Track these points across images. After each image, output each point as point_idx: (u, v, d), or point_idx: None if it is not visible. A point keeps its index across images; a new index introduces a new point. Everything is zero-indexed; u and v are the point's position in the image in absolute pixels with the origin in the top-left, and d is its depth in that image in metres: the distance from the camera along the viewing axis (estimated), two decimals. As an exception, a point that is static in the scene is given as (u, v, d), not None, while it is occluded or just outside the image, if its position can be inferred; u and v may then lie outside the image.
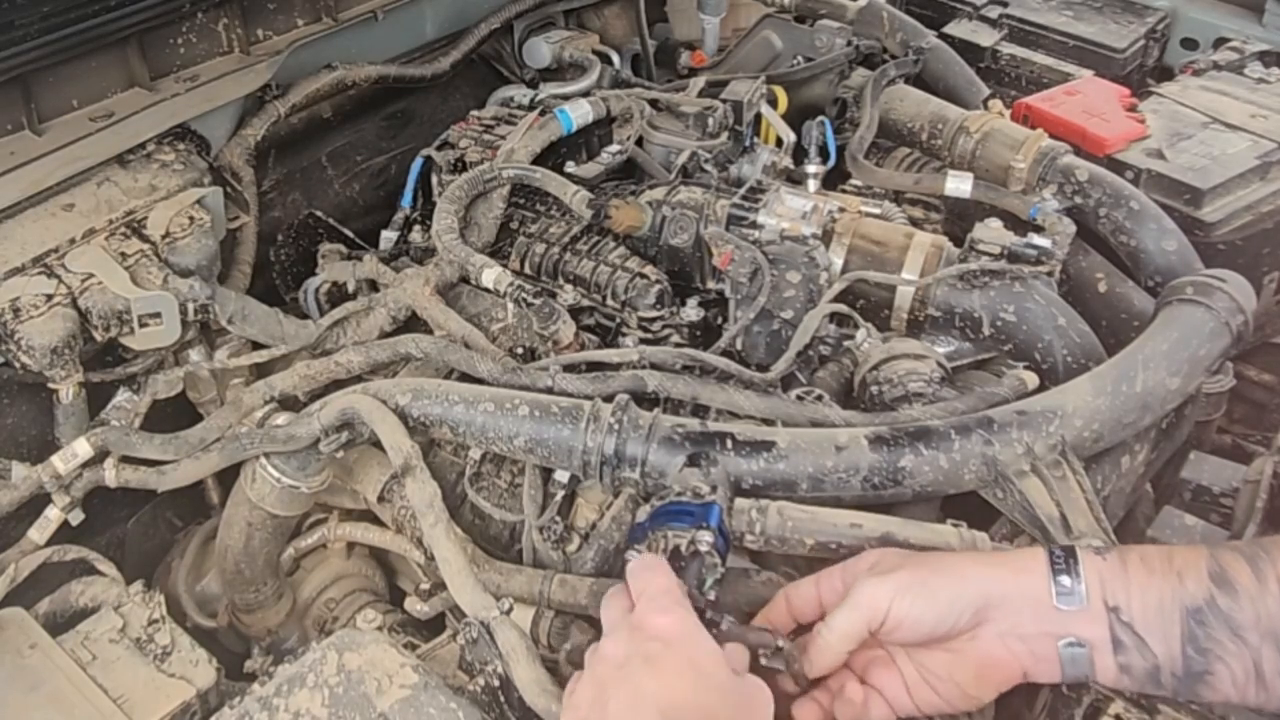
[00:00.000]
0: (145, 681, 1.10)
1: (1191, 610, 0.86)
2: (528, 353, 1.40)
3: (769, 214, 1.40)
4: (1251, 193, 1.61)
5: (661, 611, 0.88)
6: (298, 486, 1.27)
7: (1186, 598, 0.87)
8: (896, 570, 0.93)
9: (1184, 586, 0.87)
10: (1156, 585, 0.87)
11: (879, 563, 0.96)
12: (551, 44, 2.08)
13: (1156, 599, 0.87)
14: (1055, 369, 1.31)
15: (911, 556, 0.97)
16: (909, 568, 0.93)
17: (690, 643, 0.86)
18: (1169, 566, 0.88)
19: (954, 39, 2.06)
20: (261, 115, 1.67)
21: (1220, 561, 0.87)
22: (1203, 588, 0.86)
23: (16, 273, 1.29)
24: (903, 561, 0.95)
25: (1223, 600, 0.85)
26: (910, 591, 0.91)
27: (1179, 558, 0.89)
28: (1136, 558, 0.89)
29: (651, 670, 0.83)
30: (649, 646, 0.85)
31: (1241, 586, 0.85)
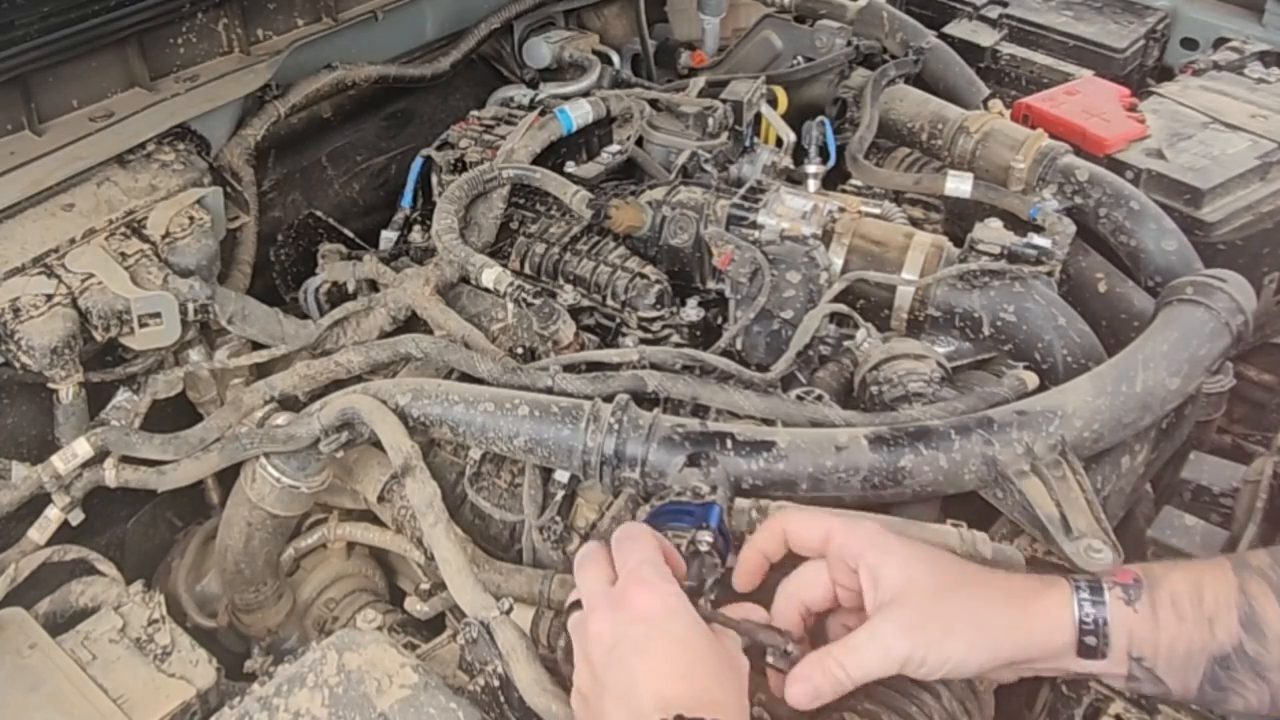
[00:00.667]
0: (145, 681, 1.10)
1: (1218, 658, 0.85)
2: (528, 353, 1.40)
3: (769, 214, 1.40)
4: (1251, 193, 1.61)
5: (645, 587, 0.88)
6: (298, 486, 1.27)
7: (1215, 646, 0.85)
8: (914, 609, 0.88)
9: (1214, 636, 0.85)
10: (1186, 635, 0.86)
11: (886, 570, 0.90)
12: (551, 44, 2.08)
13: (1185, 649, 0.86)
14: (1055, 369, 1.31)
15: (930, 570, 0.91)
16: (927, 606, 0.88)
17: (675, 620, 0.87)
18: (1200, 612, 0.85)
19: (954, 39, 2.06)
20: (261, 115, 1.67)
21: (1250, 599, 0.85)
22: (1232, 635, 0.85)
23: (16, 273, 1.29)
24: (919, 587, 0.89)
25: (1251, 646, 0.84)
26: (929, 644, 0.87)
27: (1209, 597, 0.86)
28: (1168, 601, 0.86)
29: (640, 656, 0.84)
30: (635, 630, 0.86)
31: (1270, 629, 0.84)
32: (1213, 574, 0.88)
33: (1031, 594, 0.90)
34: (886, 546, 0.91)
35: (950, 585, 0.90)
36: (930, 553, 0.93)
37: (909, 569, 0.90)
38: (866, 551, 0.91)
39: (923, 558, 0.92)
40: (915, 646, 0.87)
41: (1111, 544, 1.04)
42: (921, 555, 0.92)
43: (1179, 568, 0.89)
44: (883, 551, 0.91)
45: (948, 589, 0.89)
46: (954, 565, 0.94)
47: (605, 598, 0.90)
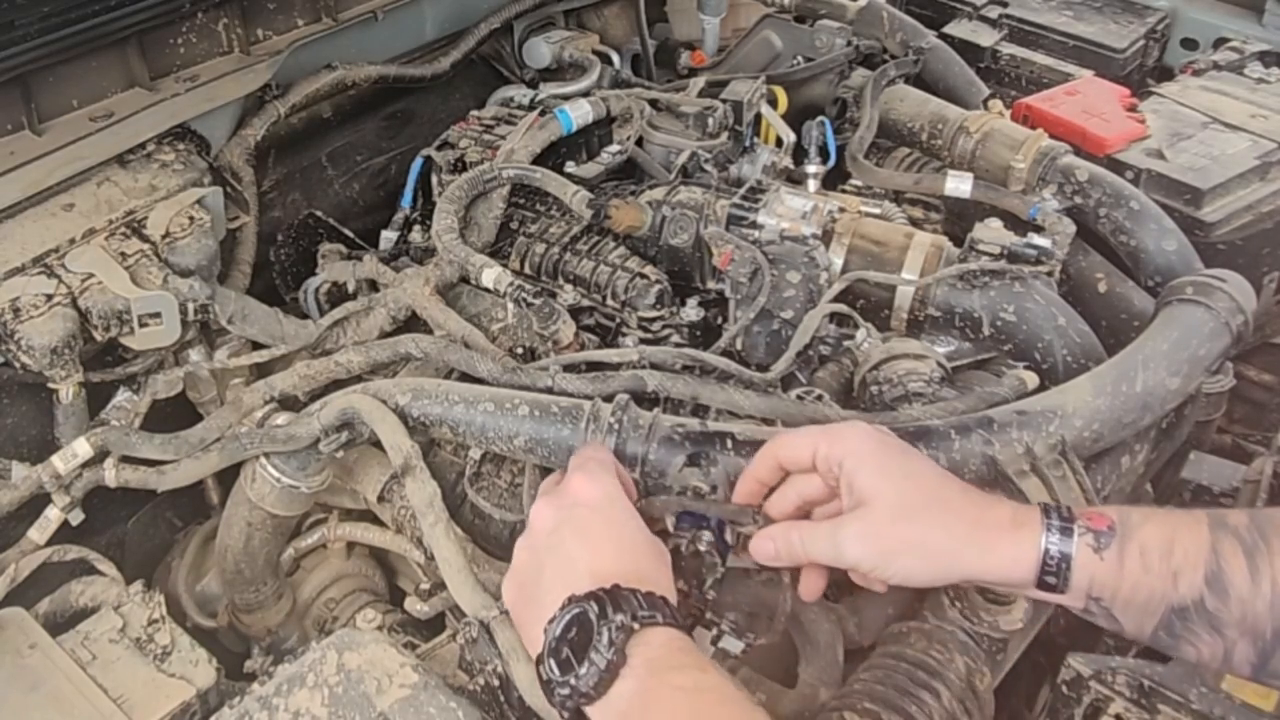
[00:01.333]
0: (145, 681, 1.10)
1: (1176, 608, 0.86)
2: (528, 353, 1.40)
3: (769, 214, 1.40)
4: (1251, 193, 1.61)
5: (586, 477, 0.97)
6: (298, 486, 1.27)
7: (1175, 598, 0.86)
8: (873, 523, 0.92)
9: (1176, 588, 0.86)
10: (1148, 584, 0.87)
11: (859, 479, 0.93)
12: (551, 44, 2.08)
13: (1145, 596, 0.87)
14: (1055, 369, 1.31)
15: (899, 486, 0.93)
16: (886, 524, 0.91)
17: (612, 506, 0.95)
18: (1167, 565, 0.86)
19: (954, 39, 2.06)
20: (261, 115, 1.67)
21: (1220, 557, 0.86)
22: (1195, 589, 0.85)
23: (16, 273, 1.29)
24: (884, 501, 0.92)
25: (1211, 602, 0.85)
26: (879, 556, 0.91)
27: (1179, 552, 0.86)
28: (1136, 552, 0.87)
29: (579, 537, 0.92)
30: (575, 513, 0.94)
31: (1234, 589, 0.85)
32: (1188, 528, 0.88)
33: (999, 528, 0.90)
34: (862, 455, 0.94)
35: (916, 505, 0.92)
36: (906, 465, 0.95)
37: (879, 481, 0.92)
38: (845, 459, 0.94)
39: (896, 470, 0.93)
40: (865, 557, 0.92)
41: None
42: (895, 467, 0.94)
43: (1155, 518, 0.89)
44: (858, 460, 0.94)
45: (913, 509, 0.92)
46: (927, 482, 0.94)
47: (552, 492, 0.99)
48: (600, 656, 0.81)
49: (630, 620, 0.83)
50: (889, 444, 0.96)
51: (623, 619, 0.83)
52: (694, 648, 0.85)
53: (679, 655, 0.83)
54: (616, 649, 0.82)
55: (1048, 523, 0.89)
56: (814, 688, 1.07)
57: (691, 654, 0.84)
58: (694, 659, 0.84)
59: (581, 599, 0.85)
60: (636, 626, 0.83)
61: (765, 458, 1.01)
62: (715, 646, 0.99)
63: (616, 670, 0.82)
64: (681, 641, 0.85)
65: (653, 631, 0.84)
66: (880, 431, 0.98)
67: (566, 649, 0.83)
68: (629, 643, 0.82)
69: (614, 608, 0.83)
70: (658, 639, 0.84)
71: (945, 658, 1.03)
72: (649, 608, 0.85)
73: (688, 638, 0.86)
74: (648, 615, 0.84)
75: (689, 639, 0.86)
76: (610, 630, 0.82)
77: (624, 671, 0.82)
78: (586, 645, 0.82)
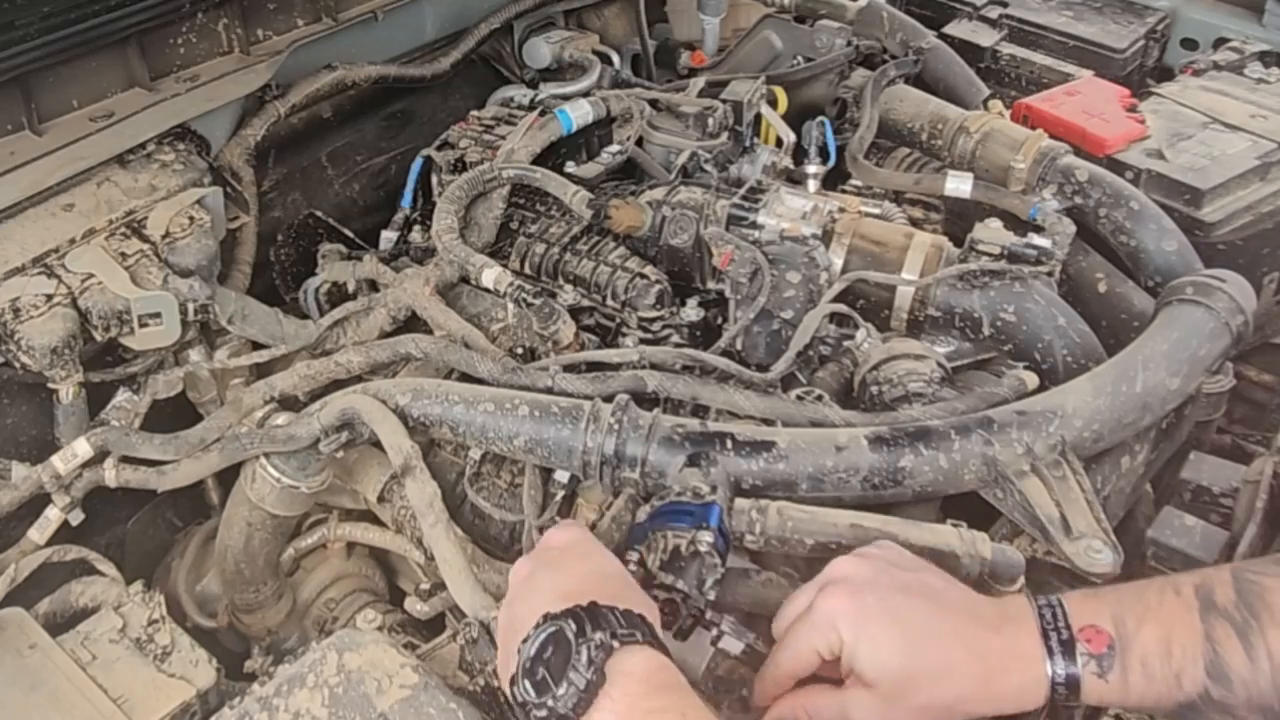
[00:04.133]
0: (145, 681, 1.09)
1: (1185, 705, 0.87)
2: (528, 353, 1.40)
3: (769, 214, 1.40)
4: (1251, 193, 1.61)
5: (559, 529, 1.00)
6: (298, 487, 1.27)
7: (1181, 696, 0.87)
8: (883, 700, 0.89)
9: (1181, 688, 0.87)
10: (1154, 691, 0.87)
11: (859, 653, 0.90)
12: (551, 44, 2.08)
13: (1153, 701, 0.88)
14: (1055, 369, 1.31)
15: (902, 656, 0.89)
16: (896, 698, 0.88)
17: (586, 546, 0.97)
18: (1168, 669, 0.87)
19: (954, 39, 2.05)
20: (261, 115, 1.67)
21: (1215, 645, 0.87)
22: (1198, 684, 0.86)
23: (16, 273, 1.29)
24: (890, 677, 0.89)
25: (1216, 691, 0.86)
26: (890, 703, 0.89)
27: (1177, 653, 0.87)
28: (1138, 665, 0.88)
29: (551, 573, 0.92)
30: (548, 555, 0.96)
31: (1235, 673, 0.86)
32: (1181, 622, 0.89)
33: (1002, 671, 0.89)
34: (852, 634, 0.90)
35: (917, 677, 0.89)
36: (895, 633, 0.90)
37: (876, 662, 0.89)
38: (842, 631, 0.91)
39: (886, 645, 0.90)
40: (881, 706, 0.89)
41: (1111, 544, 1.04)
42: (885, 641, 0.90)
43: (1149, 619, 0.89)
44: (850, 641, 0.90)
45: (914, 682, 0.89)
46: (921, 643, 0.90)
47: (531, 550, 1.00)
48: (579, 676, 0.78)
49: (610, 638, 0.80)
50: (872, 612, 0.91)
51: (602, 636, 0.80)
52: (674, 677, 0.82)
53: (658, 694, 0.80)
54: (596, 668, 0.78)
55: (1049, 647, 0.89)
56: (814, 688, 1.07)
57: (671, 691, 0.81)
58: (673, 699, 0.80)
59: (558, 616, 0.82)
60: (616, 645, 0.80)
61: (777, 679, 0.95)
62: (715, 646, 0.99)
63: (596, 691, 0.78)
64: (662, 670, 0.82)
65: (632, 653, 0.81)
66: (858, 598, 0.92)
67: (542, 669, 0.80)
68: (609, 662, 0.79)
69: (593, 625, 0.81)
70: (638, 665, 0.80)
71: (945, 658, 1.03)
72: (628, 625, 0.82)
73: (667, 661, 0.83)
74: (627, 633, 0.81)
75: (668, 662, 0.83)
76: (589, 648, 0.79)
77: (602, 699, 0.78)
78: (565, 664, 0.79)
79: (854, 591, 0.93)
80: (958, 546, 1.02)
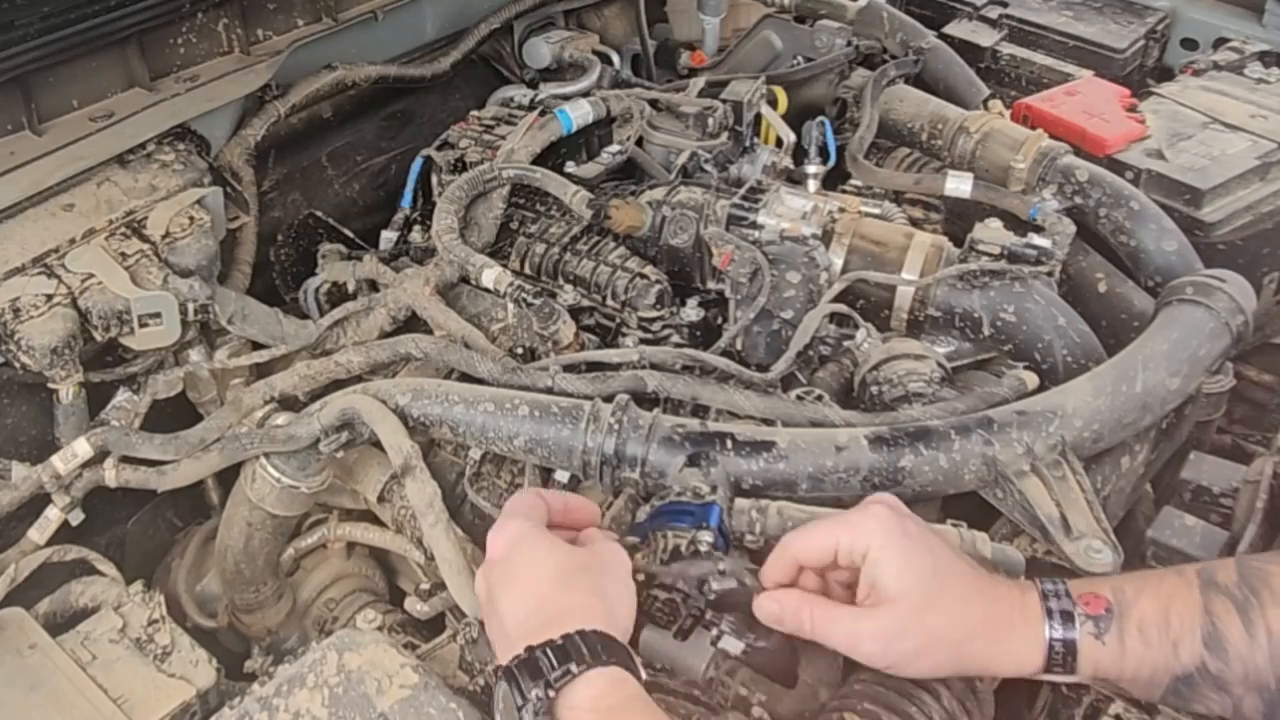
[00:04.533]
0: (145, 681, 1.10)
1: (1181, 676, 0.88)
2: (528, 353, 1.40)
3: (769, 214, 1.40)
4: (1251, 193, 1.61)
5: (496, 533, 0.97)
6: (298, 486, 1.27)
7: (1178, 667, 0.87)
8: (897, 621, 0.91)
9: (1177, 658, 0.87)
10: (1150, 659, 0.88)
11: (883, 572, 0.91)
12: (551, 44, 2.08)
13: (1149, 670, 0.88)
14: (1055, 369, 1.31)
15: (922, 581, 0.91)
16: (909, 622, 0.90)
17: (523, 546, 0.95)
18: (1165, 637, 0.88)
19: (954, 39, 2.05)
20: (261, 115, 1.67)
21: (1214, 618, 0.87)
22: (1195, 655, 0.87)
23: (16, 273, 1.29)
24: (909, 600, 0.90)
25: (1213, 664, 0.87)
26: (898, 655, 0.91)
27: (1175, 622, 0.88)
28: (1135, 630, 0.88)
29: (503, 592, 0.92)
30: (495, 573, 0.95)
31: (1232, 646, 0.86)
32: (1180, 595, 0.90)
33: (1008, 623, 0.91)
34: (887, 549, 0.92)
35: (937, 606, 0.91)
36: (929, 560, 0.93)
37: (905, 580, 0.91)
38: (870, 551, 0.92)
39: (920, 567, 0.92)
40: (885, 654, 0.92)
41: (1111, 544, 1.04)
42: (919, 563, 0.92)
43: (1148, 588, 0.91)
44: (882, 554, 0.92)
45: (933, 607, 0.91)
46: (947, 578, 0.92)
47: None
48: None
49: (545, 690, 0.81)
50: (911, 534, 0.94)
51: (538, 692, 0.81)
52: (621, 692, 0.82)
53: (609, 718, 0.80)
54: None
55: (1048, 608, 0.90)
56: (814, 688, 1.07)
57: (619, 711, 0.81)
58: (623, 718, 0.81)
59: (503, 674, 0.84)
60: (553, 694, 0.81)
61: (782, 560, 0.98)
62: (715, 646, 0.99)
63: None
64: (605, 694, 0.82)
65: (575, 687, 0.81)
66: (901, 518, 0.95)
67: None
68: (556, 706, 0.81)
69: (529, 679, 0.81)
70: (584, 697, 0.81)
71: (945, 658, 1.03)
72: (560, 662, 0.82)
73: (617, 674, 0.83)
74: (561, 675, 0.81)
75: (618, 675, 0.83)
76: (531, 709, 0.80)
77: None
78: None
79: (896, 511, 0.95)
80: (958, 546, 1.02)
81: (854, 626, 0.92)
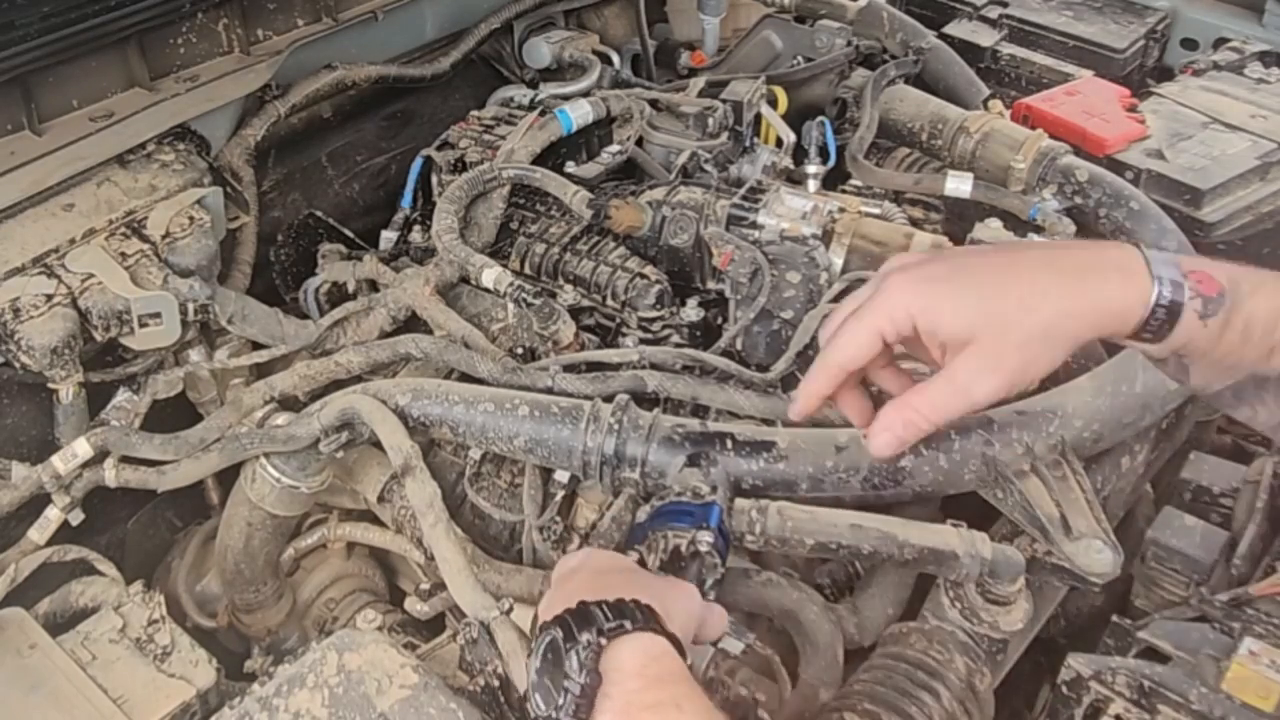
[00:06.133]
0: (145, 681, 1.09)
1: (1258, 377, 0.84)
2: (528, 353, 1.40)
3: (769, 214, 1.40)
4: (1251, 193, 1.61)
5: (567, 557, 0.97)
6: (297, 487, 1.27)
7: (1264, 368, 0.83)
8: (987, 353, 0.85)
9: (1269, 360, 0.83)
10: (1240, 353, 0.82)
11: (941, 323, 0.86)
12: (551, 44, 2.08)
13: (1233, 362, 0.84)
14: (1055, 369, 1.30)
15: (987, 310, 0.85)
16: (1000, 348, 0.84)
17: (590, 560, 0.94)
18: (1267, 340, 0.82)
19: (954, 39, 2.06)
20: (261, 115, 1.67)
21: None
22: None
23: (16, 273, 1.29)
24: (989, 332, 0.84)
25: None
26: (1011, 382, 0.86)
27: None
28: (1240, 325, 0.82)
29: (559, 591, 0.90)
30: (559, 582, 0.93)
31: None
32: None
33: (1102, 277, 0.85)
34: (926, 304, 0.87)
35: (1011, 305, 0.85)
36: (968, 278, 0.87)
37: (960, 315, 0.86)
38: (916, 317, 0.88)
39: (965, 292, 0.86)
40: (1000, 386, 0.86)
41: (1111, 544, 1.04)
42: (962, 288, 0.86)
43: (1265, 288, 0.84)
44: (923, 310, 0.87)
45: (1010, 312, 0.85)
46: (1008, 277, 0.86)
47: None
48: (573, 682, 0.78)
49: (596, 636, 0.79)
50: (938, 275, 0.87)
51: (588, 637, 0.79)
52: (669, 666, 0.81)
53: (653, 688, 0.78)
54: (588, 670, 0.78)
55: (1154, 275, 0.84)
56: (814, 688, 1.07)
57: (666, 683, 0.79)
58: (669, 691, 0.79)
59: (549, 624, 0.82)
60: (604, 642, 0.79)
61: (826, 372, 0.93)
62: (715, 646, 0.99)
63: (593, 694, 0.78)
64: (657, 661, 0.80)
65: (624, 646, 0.80)
66: (920, 268, 0.89)
67: (547, 680, 0.80)
68: (601, 660, 0.79)
69: (578, 626, 0.80)
70: (631, 658, 0.79)
71: (945, 658, 1.03)
72: (615, 617, 0.80)
73: (664, 643, 0.82)
74: (614, 626, 0.80)
75: (665, 644, 0.82)
76: (578, 652, 0.78)
77: (602, 700, 0.78)
78: (560, 672, 0.79)
79: (914, 267, 0.90)
80: (958, 546, 1.02)
81: (956, 386, 0.87)
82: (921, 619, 1.09)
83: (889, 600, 1.15)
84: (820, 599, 1.13)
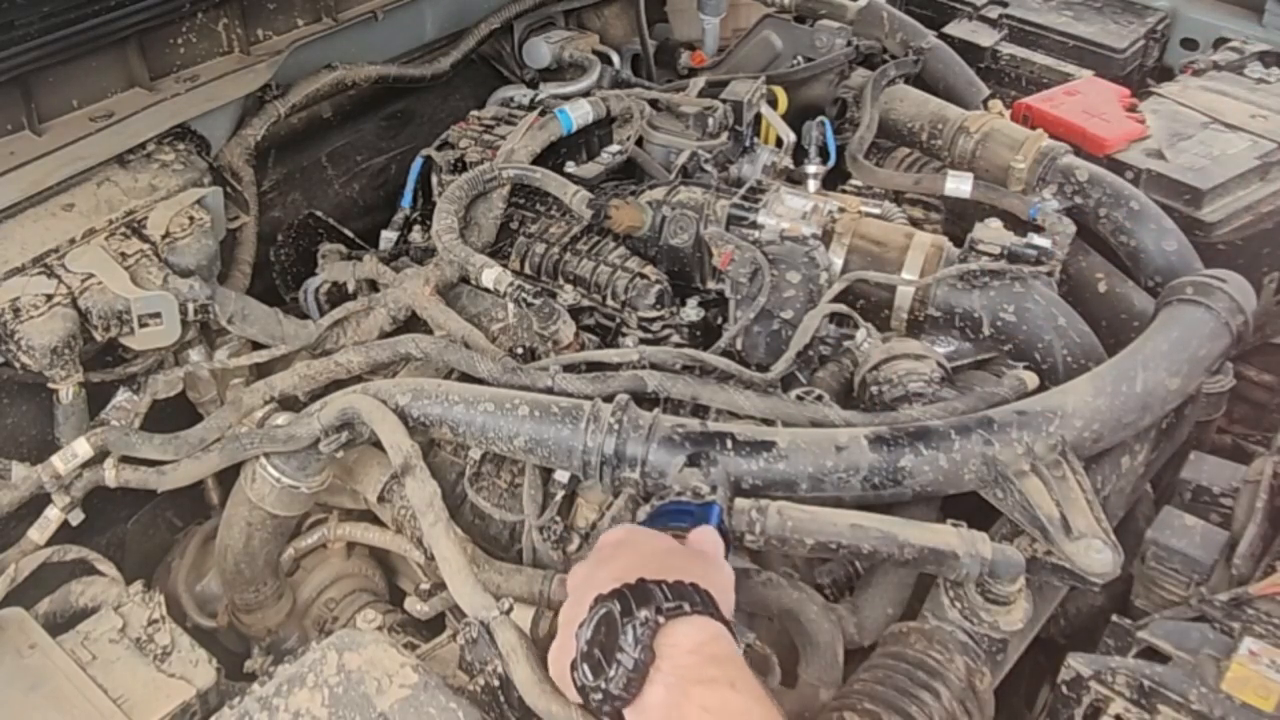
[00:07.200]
0: (145, 681, 1.10)
1: None
2: (528, 353, 1.40)
3: (769, 214, 1.40)
4: (1251, 193, 1.61)
5: (611, 531, 0.98)
6: (298, 487, 1.27)
7: None
8: None
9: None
10: None
11: None
12: (551, 44, 2.08)
13: None
14: (1055, 369, 1.31)
15: None
16: None
17: (638, 536, 0.95)
18: None
19: (954, 39, 2.06)
20: (261, 115, 1.67)
21: None
22: None
23: (16, 273, 1.29)
24: None
25: None
26: None
27: None
28: None
29: (605, 566, 0.91)
30: (603, 554, 0.94)
31: None
32: None
33: None
34: None
35: None
36: None
37: None
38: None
39: None
40: None
41: (1111, 544, 1.04)
42: None
43: None
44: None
45: None
46: None
47: None
48: (627, 656, 0.79)
49: (654, 614, 0.80)
50: None
51: (646, 614, 0.80)
52: (724, 647, 0.82)
53: (708, 665, 0.80)
54: (643, 646, 0.79)
55: None
56: (814, 688, 1.07)
57: (721, 661, 0.81)
58: (724, 670, 0.80)
59: (607, 598, 0.83)
60: (662, 620, 0.80)
61: None
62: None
63: (646, 670, 0.79)
64: (713, 641, 0.82)
65: (681, 625, 0.81)
66: None
67: (597, 651, 0.81)
68: (657, 638, 0.80)
69: (637, 603, 0.81)
70: (688, 637, 0.81)
71: (945, 658, 1.03)
72: (675, 598, 0.82)
73: (720, 627, 0.83)
74: (673, 606, 0.81)
75: (722, 628, 0.83)
76: (635, 627, 0.80)
77: (654, 674, 0.79)
78: (614, 645, 0.80)
79: None
80: (958, 546, 1.02)
81: None
82: (921, 619, 1.09)
83: (889, 600, 1.15)
84: (820, 599, 1.13)
